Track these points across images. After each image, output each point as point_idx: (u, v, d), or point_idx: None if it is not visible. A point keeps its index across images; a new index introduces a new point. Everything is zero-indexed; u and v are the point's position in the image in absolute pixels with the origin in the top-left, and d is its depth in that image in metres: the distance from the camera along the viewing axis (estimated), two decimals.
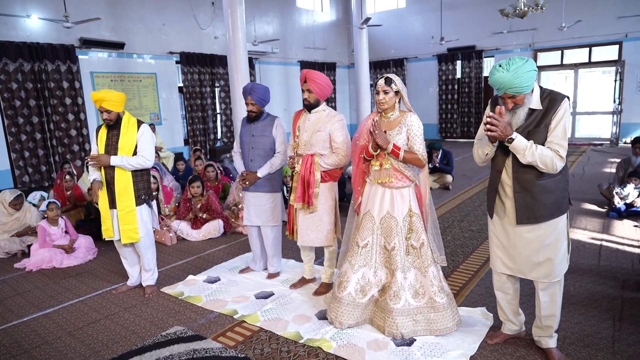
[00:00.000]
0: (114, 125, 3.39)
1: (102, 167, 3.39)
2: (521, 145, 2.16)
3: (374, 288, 2.79)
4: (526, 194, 2.26)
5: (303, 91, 3.20)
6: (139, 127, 3.41)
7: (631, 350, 2.47)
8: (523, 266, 2.37)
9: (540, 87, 2.26)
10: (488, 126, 2.16)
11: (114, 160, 3.31)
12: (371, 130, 2.65)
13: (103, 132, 3.42)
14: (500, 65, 2.15)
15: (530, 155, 2.14)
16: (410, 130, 2.72)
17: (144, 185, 3.49)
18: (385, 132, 2.74)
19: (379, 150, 2.73)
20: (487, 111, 2.37)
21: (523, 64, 2.10)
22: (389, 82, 2.68)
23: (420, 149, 2.72)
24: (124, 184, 3.36)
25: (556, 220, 2.28)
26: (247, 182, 3.54)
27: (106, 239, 3.52)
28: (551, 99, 2.21)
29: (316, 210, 3.23)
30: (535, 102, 2.22)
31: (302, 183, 3.20)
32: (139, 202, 3.43)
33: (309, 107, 3.23)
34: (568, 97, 2.23)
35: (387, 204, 2.77)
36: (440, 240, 2.87)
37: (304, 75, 3.17)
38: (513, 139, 2.16)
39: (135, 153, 3.37)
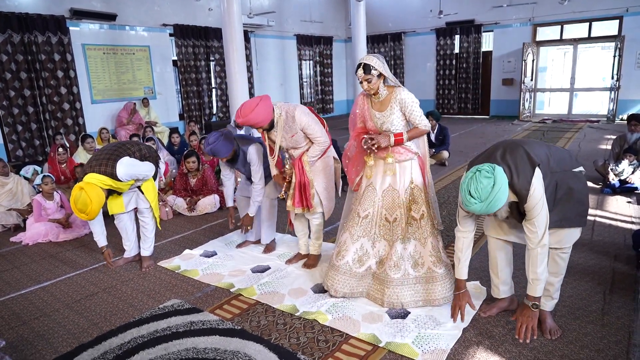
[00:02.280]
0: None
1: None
2: (539, 287, 2.26)
3: (371, 259, 2.82)
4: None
5: (257, 130, 3.16)
6: (111, 189, 3.24)
7: (620, 322, 2.52)
8: None
9: (511, 183, 2.10)
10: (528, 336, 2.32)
11: (128, 207, 3.51)
12: (370, 148, 2.68)
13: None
14: (470, 195, 2.04)
15: (541, 275, 2.23)
16: (404, 106, 2.68)
17: (152, 155, 3.52)
18: (379, 134, 2.74)
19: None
20: (461, 206, 2.37)
21: (493, 185, 2.00)
22: (367, 69, 2.61)
23: (420, 120, 2.70)
24: (148, 185, 3.47)
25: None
26: (249, 227, 3.65)
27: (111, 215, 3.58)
28: (521, 195, 2.12)
29: (315, 211, 3.28)
30: (511, 197, 2.16)
31: (298, 187, 3.21)
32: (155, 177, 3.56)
33: (269, 129, 3.16)
34: (538, 165, 2.13)
35: (390, 177, 2.79)
36: (437, 207, 2.90)
37: (243, 124, 3.07)
38: (538, 305, 2.30)
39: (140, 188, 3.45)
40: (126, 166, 3.18)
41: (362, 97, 2.87)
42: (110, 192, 3.29)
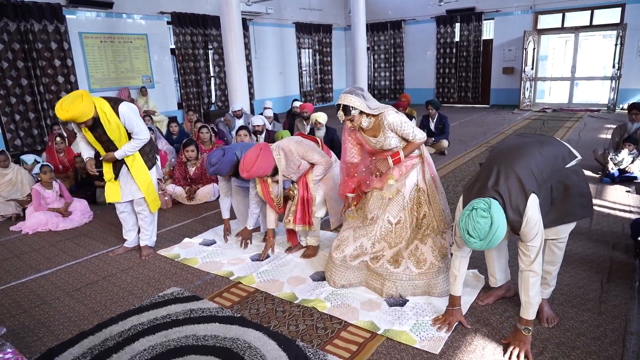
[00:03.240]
0: (95, 125, 3.22)
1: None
2: (532, 310, 2.18)
3: (367, 256, 2.85)
4: None
5: (264, 181, 3.25)
6: (116, 110, 3.21)
7: (616, 311, 2.54)
8: None
9: (506, 214, 2.04)
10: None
11: (118, 154, 3.33)
12: (374, 174, 2.81)
13: (87, 132, 3.27)
14: (469, 234, 1.99)
15: (534, 298, 2.16)
16: (394, 128, 2.69)
17: (150, 149, 3.52)
18: (377, 161, 2.85)
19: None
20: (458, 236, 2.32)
21: (490, 226, 1.94)
22: (347, 111, 2.60)
23: (414, 136, 2.73)
24: (138, 164, 3.42)
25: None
26: (248, 241, 3.66)
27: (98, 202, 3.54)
28: (511, 222, 2.06)
29: (316, 229, 3.35)
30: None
31: (301, 204, 3.23)
32: (150, 165, 3.50)
33: (274, 175, 3.19)
34: (533, 192, 2.07)
35: (395, 186, 2.85)
36: (445, 209, 2.93)
37: (248, 178, 3.13)
38: (530, 330, 2.21)
39: (129, 134, 3.34)
40: (130, 108, 3.29)
41: (349, 130, 2.87)
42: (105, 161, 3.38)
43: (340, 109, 2.62)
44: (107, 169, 3.46)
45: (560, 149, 2.30)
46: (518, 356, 2.16)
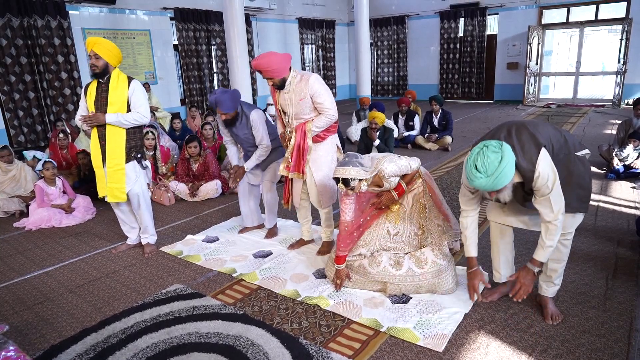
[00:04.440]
0: (102, 80, 3.24)
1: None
2: (546, 254, 2.22)
3: (366, 259, 2.85)
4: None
5: (266, 79, 3.08)
6: (129, 83, 3.27)
7: (622, 307, 2.52)
8: (536, 221, 2.38)
9: (516, 157, 2.07)
10: (523, 296, 2.31)
11: (109, 118, 3.20)
12: (380, 208, 2.88)
13: (92, 88, 3.28)
14: (477, 169, 2.00)
15: (552, 245, 2.20)
16: (395, 174, 2.75)
17: (137, 144, 3.40)
18: (381, 198, 2.87)
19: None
20: (465, 183, 2.38)
21: (500, 161, 1.96)
22: (347, 183, 2.60)
23: (410, 169, 2.80)
24: (117, 142, 3.27)
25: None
26: (238, 179, 3.57)
27: (103, 198, 3.50)
28: (526, 176, 2.09)
29: (305, 178, 3.23)
30: (516, 177, 2.13)
31: (297, 152, 3.13)
32: (128, 159, 3.35)
33: (280, 87, 3.09)
34: (544, 146, 2.09)
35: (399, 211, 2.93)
36: (450, 214, 2.97)
37: (255, 69, 3.04)
38: (540, 269, 2.29)
39: (129, 110, 3.27)
40: (141, 86, 3.34)
41: (346, 195, 2.82)
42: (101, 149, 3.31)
43: (340, 182, 2.62)
44: (95, 150, 3.34)
45: (572, 137, 2.33)
46: (523, 292, 2.28)
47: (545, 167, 2.07)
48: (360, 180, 2.62)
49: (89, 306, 2.84)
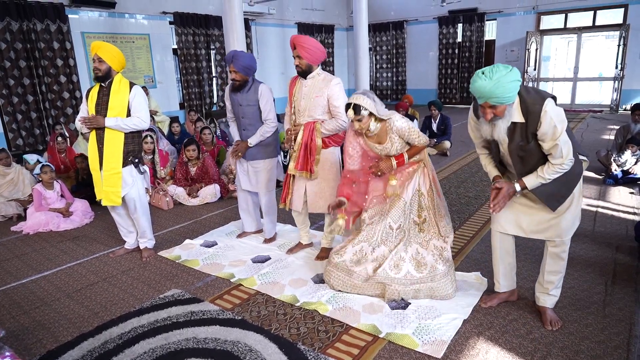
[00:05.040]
0: (104, 84, 3.28)
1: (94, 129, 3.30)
2: (534, 183, 2.20)
3: (369, 263, 2.81)
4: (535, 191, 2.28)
5: (294, 58, 3.09)
6: (131, 88, 3.30)
7: (621, 314, 2.51)
8: (534, 227, 2.39)
9: (521, 96, 2.12)
10: (496, 208, 2.27)
11: (108, 121, 3.21)
12: (375, 173, 2.79)
13: (94, 92, 3.32)
14: (483, 73, 2.03)
15: (545, 180, 2.18)
16: (402, 133, 2.70)
17: (135, 148, 3.40)
18: (381, 161, 2.80)
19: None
20: (470, 116, 2.40)
21: (507, 73, 2.00)
22: (357, 110, 2.58)
23: (419, 140, 2.74)
24: (114, 146, 3.28)
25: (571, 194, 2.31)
26: (240, 153, 3.51)
27: (101, 201, 3.48)
28: (531, 111, 2.09)
29: (317, 177, 3.19)
30: (516, 115, 2.13)
31: (304, 150, 3.13)
32: (125, 163, 3.34)
33: (302, 73, 3.13)
34: (553, 97, 2.12)
35: (397, 187, 2.83)
36: (446, 213, 2.90)
37: (292, 42, 3.06)
38: (526, 187, 2.23)
39: (128, 115, 3.28)
40: (142, 93, 3.37)
41: (353, 135, 2.84)
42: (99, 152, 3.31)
43: (351, 107, 2.60)
44: (92, 153, 3.34)
45: (575, 140, 2.34)
46: (499, 200, 2.26)
47: (554, 108, 2.07)
48: (370, 114, 2.61)
49: (86, 311, 2.82)
